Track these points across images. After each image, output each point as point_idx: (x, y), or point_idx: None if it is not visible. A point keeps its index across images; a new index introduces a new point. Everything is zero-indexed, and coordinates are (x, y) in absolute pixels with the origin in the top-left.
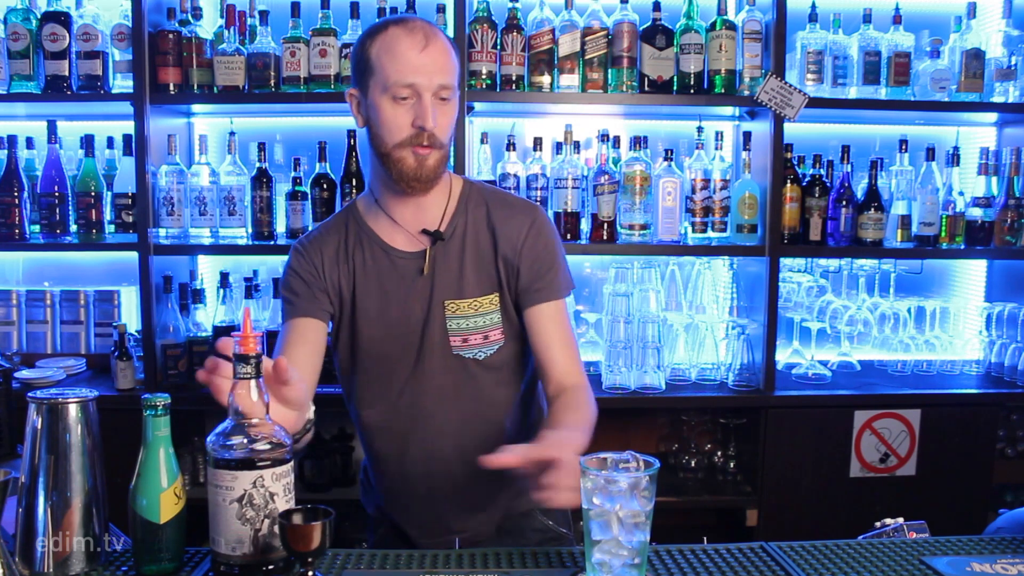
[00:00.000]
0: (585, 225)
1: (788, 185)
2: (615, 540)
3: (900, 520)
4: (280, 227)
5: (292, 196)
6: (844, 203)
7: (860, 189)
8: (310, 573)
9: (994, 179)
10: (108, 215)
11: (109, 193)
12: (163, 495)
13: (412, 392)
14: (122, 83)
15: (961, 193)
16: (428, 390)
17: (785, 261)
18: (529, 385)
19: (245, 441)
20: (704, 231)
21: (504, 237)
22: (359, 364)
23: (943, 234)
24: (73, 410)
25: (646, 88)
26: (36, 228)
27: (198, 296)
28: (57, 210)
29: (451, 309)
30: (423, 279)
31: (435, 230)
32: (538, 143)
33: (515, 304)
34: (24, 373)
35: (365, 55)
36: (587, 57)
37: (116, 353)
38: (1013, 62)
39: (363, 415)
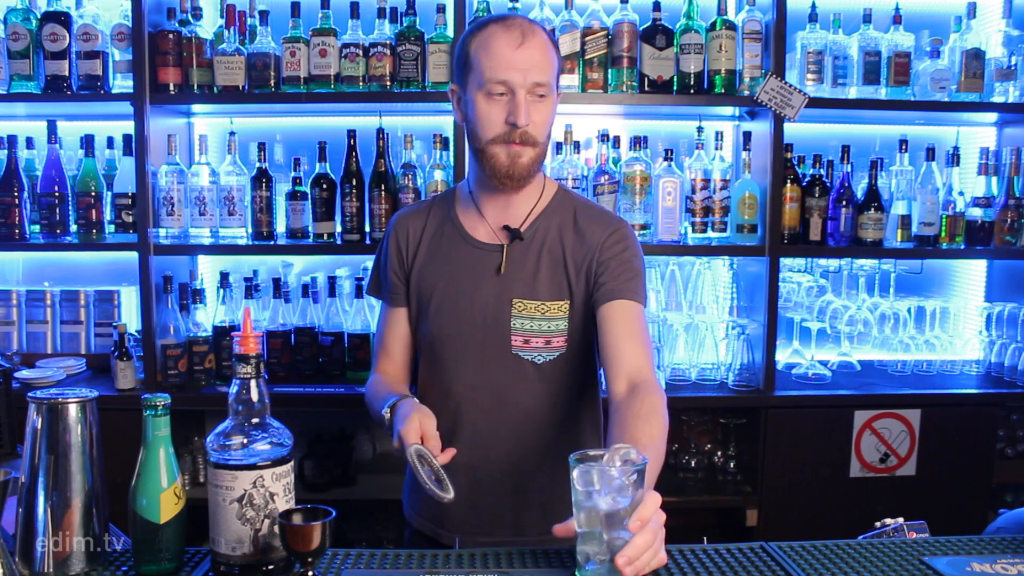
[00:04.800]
0: None
1: (788, 185)
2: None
3: (900, 520)
4: (280, 227)
5: (292, 196)
6: (844, 203)
7: (860, 189)
8: (310, 573)
9: (994, 179)
10: (108, 215)
11: (109, 193)
12: (163, 495)
13: (464, 384)
14: (122, 83)
15: (961, 193)
16: (481, 384)
17: (785, 261)
18: (582, 408)
19: (245, 441)
20: (704, 231)
21: (585, 242)
22: (422, 348)
23: (943, 234)
24: (73, 410)
25: (646, 88)
26: (36, 228)
27: (198, 296)
28: (57, 210)
29: (518, 308)
30: (496, 275)
31: (516, 228)
32: None
33: (590, 308)
34: (24, 373)
35: (464, 52)
36: (587, 57)
37: (116, 353)
38: (1013, 62)
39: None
